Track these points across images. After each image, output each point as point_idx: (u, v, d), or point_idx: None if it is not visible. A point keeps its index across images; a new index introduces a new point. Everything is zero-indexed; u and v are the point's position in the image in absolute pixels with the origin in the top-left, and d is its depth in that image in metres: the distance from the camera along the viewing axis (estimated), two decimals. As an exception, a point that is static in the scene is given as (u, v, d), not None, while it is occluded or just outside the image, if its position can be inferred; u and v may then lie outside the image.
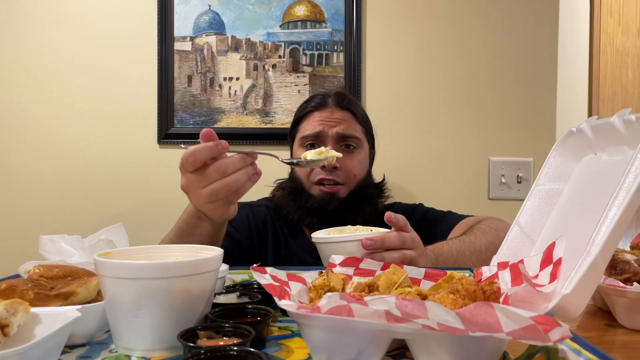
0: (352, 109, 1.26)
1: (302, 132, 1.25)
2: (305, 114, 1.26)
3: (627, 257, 0.64)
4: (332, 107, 1.24)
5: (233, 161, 0.79)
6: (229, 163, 0.79)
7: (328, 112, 1.23)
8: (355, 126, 1.25)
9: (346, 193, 1.20)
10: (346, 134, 1.22)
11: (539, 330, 0.37)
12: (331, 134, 1.21)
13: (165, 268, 0.49)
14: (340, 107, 1.25)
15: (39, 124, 1.71)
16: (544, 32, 1.65)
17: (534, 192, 0.70)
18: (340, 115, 1.23)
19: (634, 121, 0.57)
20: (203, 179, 0.79)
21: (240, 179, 0.79)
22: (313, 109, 1.25)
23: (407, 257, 0.81)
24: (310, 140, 1.22)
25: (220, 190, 0.78)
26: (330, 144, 1.20)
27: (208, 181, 0.79)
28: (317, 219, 1.18)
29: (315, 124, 1.23)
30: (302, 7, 1.68)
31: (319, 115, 1.23)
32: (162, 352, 0.50)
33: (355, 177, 1.22)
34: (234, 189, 0.79)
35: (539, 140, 1.66)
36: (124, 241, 0.80)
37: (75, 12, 1.70)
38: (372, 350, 0.44)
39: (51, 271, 0.57)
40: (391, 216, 0.82)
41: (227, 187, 0.78)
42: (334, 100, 1.26)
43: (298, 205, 1.22)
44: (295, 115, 1.31)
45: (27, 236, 1.67)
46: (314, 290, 0.57)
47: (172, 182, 1.69)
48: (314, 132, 1.22)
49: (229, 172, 0.78)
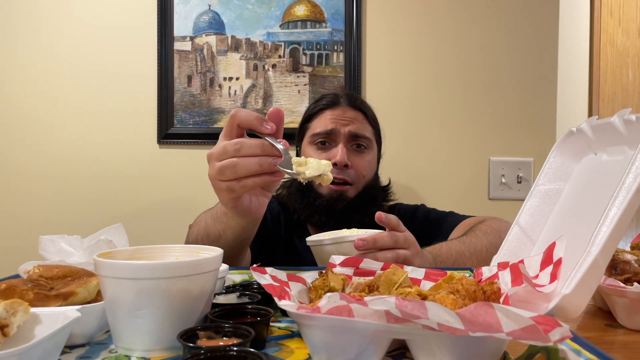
0: (363, 109, 1.26)
1: (313, 129, 1.24)
2: (317, 112, 1.26)
3: (627, 257, 0.64)
4: (345, 106, 1.24)
5: (251, 143, 0.72)
6: (245, 143, 0.72)
7: (340, 111, 1.23)
8: (367, 126, 1.25)
9: (354, 193, 1.20)
10: (358, 133, 1.22)
11: (539, 330, 0.37)
12: (343, 132, 1.20)
13: (165, 268, 0.49)
14: (352, 107, 1.25)
15: (39, 124, 1.71)
16: (544, 32, 1.65)
17: (534, 192, 0.70)
18: (352, 114, 1.23)
19: (634, 121, 0.57)
20: (223, 152, 0.73)
21: (249, 165, 0.71)
22: (325, 107, 1.25)
23: (401, 256, 0.80)
24: (322, 137, 1.22)
25: (226, 169, 0.72)
26: (342, 142, 1.20)
27: (225, 155, 0.73)
28: (325, 217, 1.18)
29: (327, 122, 1.22)
30: (302, 7, 1.68)
31: (331, 114, 1.23)
32: (161, 352, 0.50)
33: (364, 177, 1.22)
34: (239, 173, 0.72)
35: (539, 140, 1.66)
36: (123, 241, 0.80)
37: (74, 12, 1.70)
38: (372, 351, 0.44)
39: (51, 271, 0.57)
40: (382, 216, 0.81)
41: (233, 168, 0.72)
42: (346, 99, 1.26)
43: (306, 203, 1.21)
44: (306, 112, 1.31)
45: (27, 236, 1.67)
46: (314, 290, 0.57)
47: (172, 182, 1.70)
48: (325, 130, 1.21)
49: (241, 153, 0.71)
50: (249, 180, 0.73)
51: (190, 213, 1.66)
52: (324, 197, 1.19)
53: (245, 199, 0.79)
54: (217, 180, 0.75)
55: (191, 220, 1.58)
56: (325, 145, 1.22)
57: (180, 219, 1.65)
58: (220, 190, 0.76)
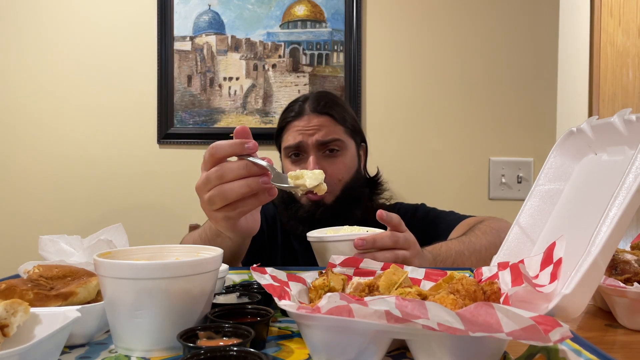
0: (329, 112, 1.23)
1: (285, 142, 1.24)
2: (285, 125, 1.25)
3: (627, 257, 0.64)
4: (309, 115, 1.22)
5: (233, 167, 0.71)
6: (227, 167, 0.71)
7: (305, 121, 1.21)
8: (335, 129, 1.22)
9: (332, 199, 1.19)
10: (326, 139, 1.20)
11: (539, 330, 0.37)
12: (311, 142, 1.19)
13: (165, 268, 0.49)
14: (317, 113, 1.22)
15: (39, 124, 1.71)
16: (544, 32, 1.65)
17: (534, 192, 0.70)
18: (317, 121, 1.21)
19: (634, 121, 0.57)
20: (207, 182, 0.72)
21: (237, 189, 0.70)
22: (292, 119, 1.23)
23: (400, 257, 0.80)
24: (293, 150, 1.21)
25: (215, 198, 0.71)
26: (312, 152, 1.19)
27: (209, 185, 0.72)
28: (307, 227, 1.18)
29: (295, 134, 1.21)
30: (302, 7, 1.68)
31: (298, 125, 1.21)
32: (161, 352, 0.49)
33: (340, 181, 1.21)
34: (229, 198, 0.71)
35: (539, 140, 1.66)
36: (123, 241, 0.80)
37: (74, 12, 1.70)
38: (372, 351, 0.44)
39: (51, 271, 0.57)
40: (383, 214, 0.81)
41: (221, 195, 0.71)
42: (310, 106, 1.23)
43: (290, 215, 1.22)
44: (278, 125, 1.29)
45: (27, 236, 1.68)
46: (314, 290, 0.57)
47: (172, 182, 1.70)
48: (294, 143, 1.20)
49: (226, 179, 0.70)
50: (244, 205, 0.73)
51: (191, 213, 1.66)
52: (304, 207, 1.19)
53: (242, 221, 0.79)
54: (211, 212, 0.75)
55: (191, 220, 1.59)
56: (298, 157, 1.21)
57: (180, 219, 1.66)
58: (218, 221, 0.77)
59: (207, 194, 0.73)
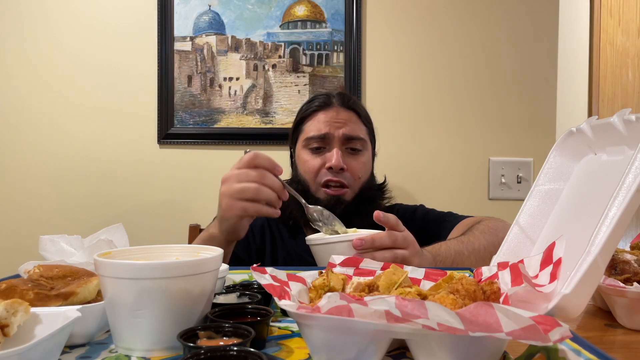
0: (356, 109, 1.24)
1: (306, 132, 1.22)
2: (310, 114, 1.23)
3: (627, 257, 0.64)
4: (337, 107, 1.21)
5: (274, 178, 0.88)
6: (269, 175, 0.88)
7: (333, 112, 1.20)
8: (361, 127, 1.23)
9: (351, 196, 1.19)
10: (352, 135, 1.20)
11: (539, 330, 0.37)
12: (337, 135, 1.18)
13: (165, 268, 0.49)
14: (345, 107, 1.22)
15: (39, 124, 1.71)
16: (544, 33, 1.65)
17: (534, 192, 0.70)
18: (345, 115, 1.21)
19: (634, 121, 0.57)
20: (247, 175, 0.87)
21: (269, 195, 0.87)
22: (317, 109, 1.22)
23: (399, 256, 0.80)
24: (316, 141, 1.20)
25: (249, 190, 0.86)
26: (337, 145, 1.18)
27: (249, 178, 0.86)
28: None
29: (320, 125, 1.20)
30: (302, 7, 1.68)
31: (324, 116, 1.20)
32: (162, 352, 0.50)
33: (360, 179, 1.21)
34: (259, 197, 0.86)
35: (539, 140, 1.66)
36: (123, 241, 0.80)
37: (74, 12, 1.70)
38: (372, 350, 0.44)
39: (51, 271, 0.57)
40: (380, 215, 0.81)
41: (256, 190, 0.86)
42: (338, 100, 1.23)
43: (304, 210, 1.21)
44: (298, 115, 1.28)
45: (27, 236, 1.68)
46: (314, 290, 0.57)
47: (172, 182, 1.70)
48: (319, 134, 1.19)
49: (265, 182, 0.87)
50: (264, 208, 0.88)
51: (191, 213, 1.67)
52: (322, 202, 1.16)
53: (245, 222, 0.91)
54: (232, 199, 0.87)
55: (191, 220, 1.59)
56: (319, 150, 1.20)
57: (180, 219, 1.66)
58: (231, 209, 0.88)
59: (243, 184, 0.86)
